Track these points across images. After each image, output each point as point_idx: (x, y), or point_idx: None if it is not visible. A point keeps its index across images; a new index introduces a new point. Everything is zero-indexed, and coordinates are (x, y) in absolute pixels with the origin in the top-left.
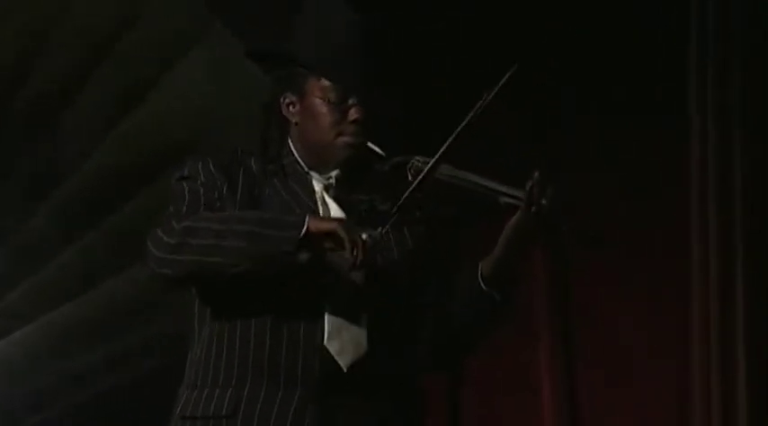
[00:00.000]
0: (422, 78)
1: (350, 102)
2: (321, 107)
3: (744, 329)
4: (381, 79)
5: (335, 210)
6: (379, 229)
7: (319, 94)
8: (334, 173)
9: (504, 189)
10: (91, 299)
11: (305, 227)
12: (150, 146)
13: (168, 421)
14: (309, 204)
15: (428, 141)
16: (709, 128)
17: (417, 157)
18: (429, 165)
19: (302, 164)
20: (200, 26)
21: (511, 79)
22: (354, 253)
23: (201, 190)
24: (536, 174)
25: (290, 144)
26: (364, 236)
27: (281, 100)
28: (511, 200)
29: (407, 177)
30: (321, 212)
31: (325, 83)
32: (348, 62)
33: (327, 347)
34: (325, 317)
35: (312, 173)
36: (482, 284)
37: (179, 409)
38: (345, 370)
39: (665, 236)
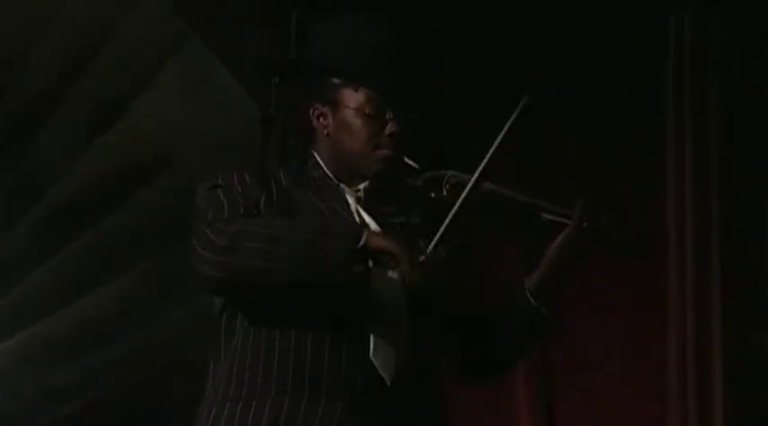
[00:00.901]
0: (423, 79)
1: (387, 115)
2: (357, 119)
3: (721, 333)
4: (409, 88)
5: (371, 223)
6: (430, 249)
7: (355, 106)
8: (362, 186)
9: (549, 206)
10: (69, 314)
11: (363, 240)
12: (131, 160)
13: None
14: (348, 216)
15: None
16: (685, 132)
17: (452, 172)
18: (471, 182)
19: (331, 176)
20: (178, 40)
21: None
22: (412, 275)
23: (239, 198)
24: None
25: (316, 156)
26: (421, 258)
27: (311, 111)
28: (556, 218)
29: (443, 192)
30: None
31: (362, 95)
32: (384, 73)
33: (373, 360)
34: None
35: (342, 186)
36: (530, 299)
37: (209, 423)
38: (389, 383)
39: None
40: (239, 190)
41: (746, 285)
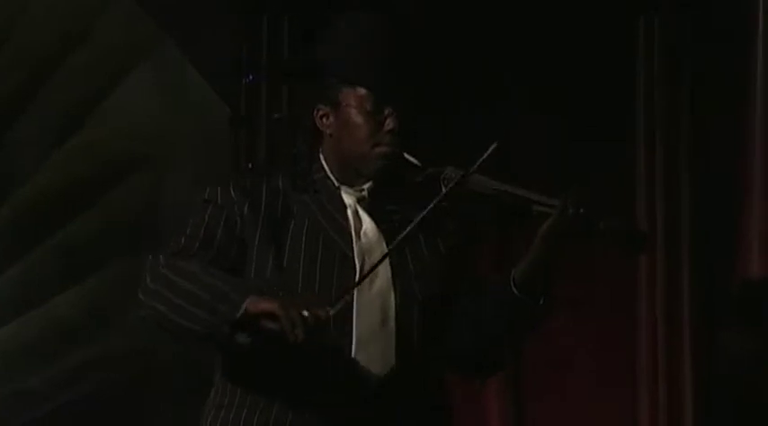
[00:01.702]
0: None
1: (386, 111)
2: (357, 117)
3: (690, 332)
4: (414, 86)
5: (368, 223)
6: (329, 309)
7: (355, 104)
8: (366, 186)
9: (537, 198)
10: (33, 319)
11: (242, 310)
12: (99, 162)
13: None
14: (341, 220)
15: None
16: (656, 133)
17: (450, 168)
18: (452, 183)
19: (333, 179)
20: (150, 40)
21: None
22: (294, 332)
23: (206, 221)
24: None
25: (321, 158)
26: (305, 313)
27: (314, 112)
28: (545, 209)
29: (441, 188)
30: (353, 226)
31: (361, 92)
32: (381, 70)
33: (356, 363)
34: (353, 332)
35: (343, 188)
36: (515, 291)
37: None
38: (374, 386)
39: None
40: (218, 203)
41: (716, 284)
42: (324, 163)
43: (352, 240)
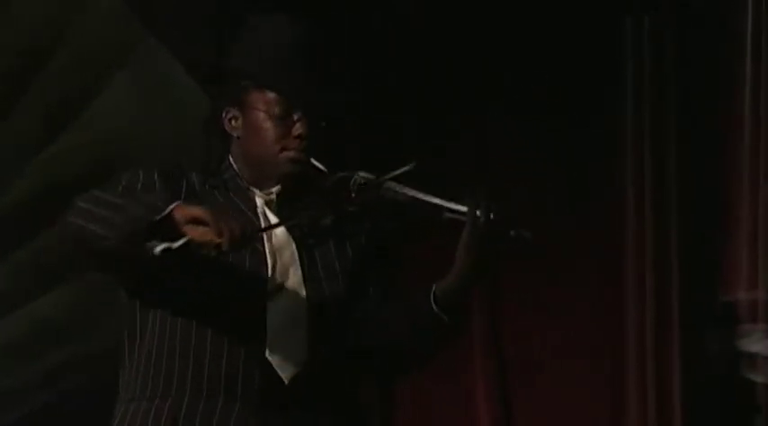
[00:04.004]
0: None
1: (295, 116)
2: (264, 121)
3: (679, 334)
4: (327, 89)
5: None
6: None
7: (263, 108)
8: (275, 189)
9: (447, 204)
10: (15, 320)
11: (165, 211)
12: (81, 165)
13: None
14: (252, 218)
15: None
16: (644, 134)
17: (360, 173)
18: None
19: (243, 178)
20: (132, 43)
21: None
22: (220, 238)
23: (124, 184)
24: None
25: (231, 159)
26: (233, 224)
27: (223, 114)
28: (454, 216)
29: (350, 193)
30: (263, 224)
31: (270, 96)
32: (292, 74)
33: (269, 359)
34: (267, 329)
35: (253, 189)
36: (434, 306)
37: (116, 422)
38: (287, 383)
39: (600, 250)
40: (138, 186)
41: (704, 285)
42: (234, 165)
43: (262, 237)
